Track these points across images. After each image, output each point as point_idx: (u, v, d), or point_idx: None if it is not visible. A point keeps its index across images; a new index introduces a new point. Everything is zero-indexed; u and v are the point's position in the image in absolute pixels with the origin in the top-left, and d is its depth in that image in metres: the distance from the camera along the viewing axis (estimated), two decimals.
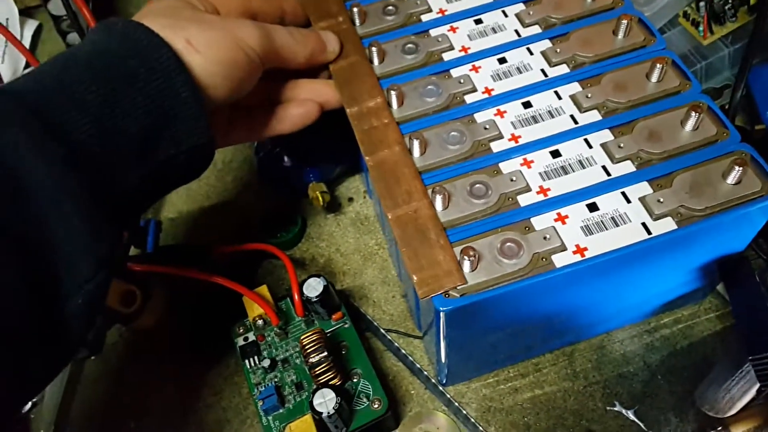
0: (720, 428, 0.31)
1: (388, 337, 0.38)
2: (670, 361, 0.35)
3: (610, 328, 0.37)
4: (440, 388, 0.36)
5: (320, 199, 0.40)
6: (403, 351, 0.37)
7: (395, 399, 0.36)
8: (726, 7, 0.39)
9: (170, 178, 0.28)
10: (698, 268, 0.32)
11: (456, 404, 0.35)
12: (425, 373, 0.36)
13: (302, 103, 0.34)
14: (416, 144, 0.30)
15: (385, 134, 0.30)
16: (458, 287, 0.26)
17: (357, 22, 0.35)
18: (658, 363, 0.35)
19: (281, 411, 0.33)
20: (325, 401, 0.30)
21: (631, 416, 0.34)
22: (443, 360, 0.32)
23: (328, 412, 0.29)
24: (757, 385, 0.29)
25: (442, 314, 0.27)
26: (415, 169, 0.29)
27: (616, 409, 0.34)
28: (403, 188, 0.29)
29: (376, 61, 0.34)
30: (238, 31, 0.28)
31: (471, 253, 0.26)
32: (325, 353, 0.31)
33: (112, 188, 0.24)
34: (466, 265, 0.26)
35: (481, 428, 0.34)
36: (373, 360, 0.36)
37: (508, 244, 0.27)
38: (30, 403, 0.37)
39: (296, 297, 0.34)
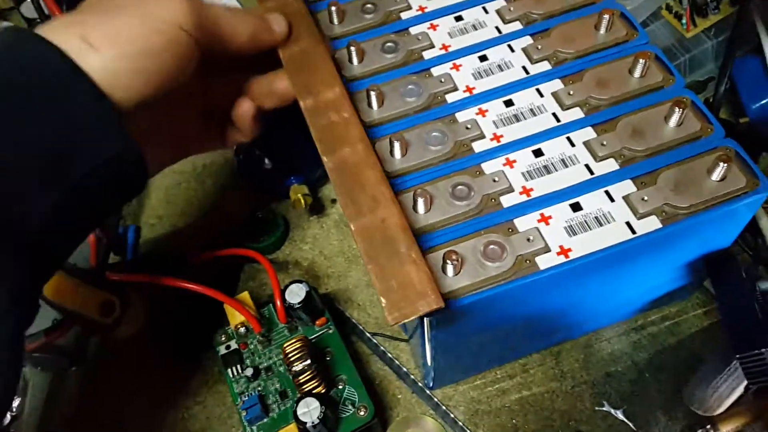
0: (709, 426, 0.31)
1: (374, 340, 0.37)
2: (658, 358, 0.35)
3: (597, 327, 0.36)
4: (427, 391, 0.36)
5: (302, 201, 0.40)
6: (389, 355, 0.37)
7: (382, 404, 0.35)
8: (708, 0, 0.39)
9: (95, 200, 0.24)
10: (684, 265, 0.31)
11: (443, 408, 0.35)
12: (412, 376, 0.36)
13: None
14: (397, 145, 0.29)
15: (346, 130, 0.27)
16: (442, 292, 0.26)
17: (335, 20, 0.34)
18: (646, 361, 0.35)
19: (265, 420, 0.32)
20: (309, 410, 0.29)
21: (620, 416, 0.33)
22: (429, 363, 0.32)
23: (313, 422, 0.29)
24: (745, 383, 0.29)
25: (426, 320, 0.26)
26: (381, 170, 0.26)
27: (604, 409, 0.34)
28: (369, 194, 0.25)
29: (355, 60, 0.33)
30: (158, 9, 0.24)
31: (454, 256, 0.26)
32: (309, 361, 0.30)
33: (14, 223, 0.21)
34: (449, 269, 0.26)
35: (469, 431, 0.34)
36: (359, 365, 0.35)
37: (492, 246, 0.27)
38: (9, 416, 0.36)
39: (278, 304, 0.34)
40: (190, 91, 0.28)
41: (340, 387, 0.33)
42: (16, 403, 0.35)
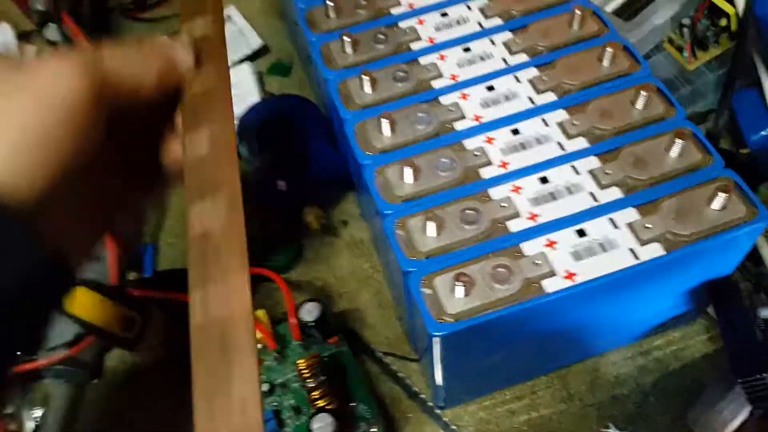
0: None
1: (385, 360, 0.38)
2: (663, 382, 0.35)
3: (603, 351, 0.37)
4: (437, 411, 0.36)
5: (315, 222, 0.41)
6: (400, 374, 0.38)
7: (392, 423, 0.36)
8: (708, 33, 0.40)
9: (14, 323, 0.20)
10: (687, 291, 0.32)
11: (453, 428, 0.35)
12: (422, 396, 0.37)
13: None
14: (407, 171, 0.30)
15: (216, 170, 0.22)
16: (451, 313, 0.27)
17: (348, 50, 0.36)
18: (651, 385, 0.35)
19: None
20: (323, 426, 0.30)
21: None
22: (439, 383, 0.33)
23: None
24: (749, 408, 0.30)
25: (436, 339, 0.27)
26: (244, 242, 0.21)
27: (610, 431, 0.34)
28: (219, 265, 0.20)
29: (367, 88, 0.34)
30: (46, 80, 0.20)
31: (464, 278, 0.27)
32: (323, 378, 0.31)
33: None
34: (459, 291, 0.27)
35: None
36: (370, 384, 0.36)
37: (500, 269, 0.28)
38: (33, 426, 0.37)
39: (293, 321, 0.35)
40: (103, 154, 0.23)
41: (353, 404, 0.33)
42: (38, 413, 0.36)
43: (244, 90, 0.51)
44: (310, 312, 0.34)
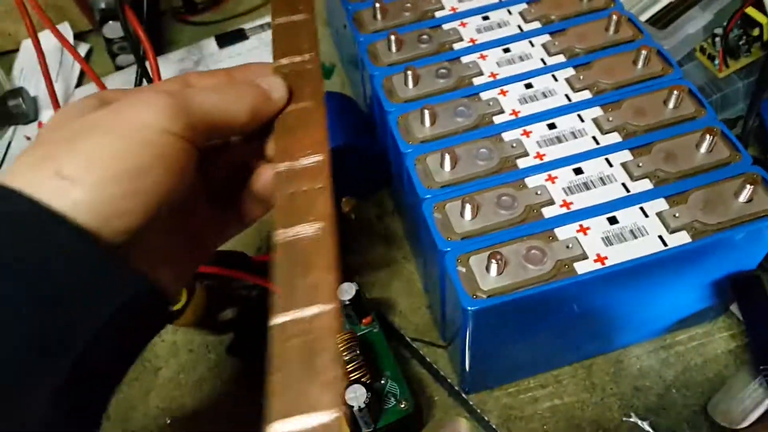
0: None
1: (413, 345, 0.40)
2: (685, 375, 0.36)
3: (627, 343, 0.38)
4: (463, 395, 0.38)
5: (352, 213, 0.43)
6: (428, 359, 0.39)
7: (419, 404, 0.37)
8: (740, 43, 0.42)
9: (112, 355, 0.21)
10: (711, 284, 0.33)
11: (478, 411, 0.37)
12: (449, 380, 0.38)
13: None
14: (447, 158, 0.32)
15: (313, 203, 0.22)
16: (485, 290, 0.28)
17: (393, 48, 0.38)
18: (673, 377, 0.36)
19: None
20: (357, 395, 0.31)
21: (647, 427, 0.35)
22: (467, 367, 0.34)
23: (359, 407, 0.31)
24: None
25: (469, 313, 0.28)
26: (336, 255, 0.21)
27: (632, 419, 0.35)
28: (310, 281, 0.20)
29: (410, 83, 0.36)
30: (136, 116, 0.21)
31: (498, 257, 0.28)
32: (357, 352, 0.33)
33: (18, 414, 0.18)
34: (493, 269, 0.28)
35: None
36: (399, 366, 0.38)
37: (533, 251, 0.29)
38: None
39: None
40: (195, 187, 0.24)
41: (383, 382, 0.35)
42: None
43: None
44: (346, 292, 0.36)
